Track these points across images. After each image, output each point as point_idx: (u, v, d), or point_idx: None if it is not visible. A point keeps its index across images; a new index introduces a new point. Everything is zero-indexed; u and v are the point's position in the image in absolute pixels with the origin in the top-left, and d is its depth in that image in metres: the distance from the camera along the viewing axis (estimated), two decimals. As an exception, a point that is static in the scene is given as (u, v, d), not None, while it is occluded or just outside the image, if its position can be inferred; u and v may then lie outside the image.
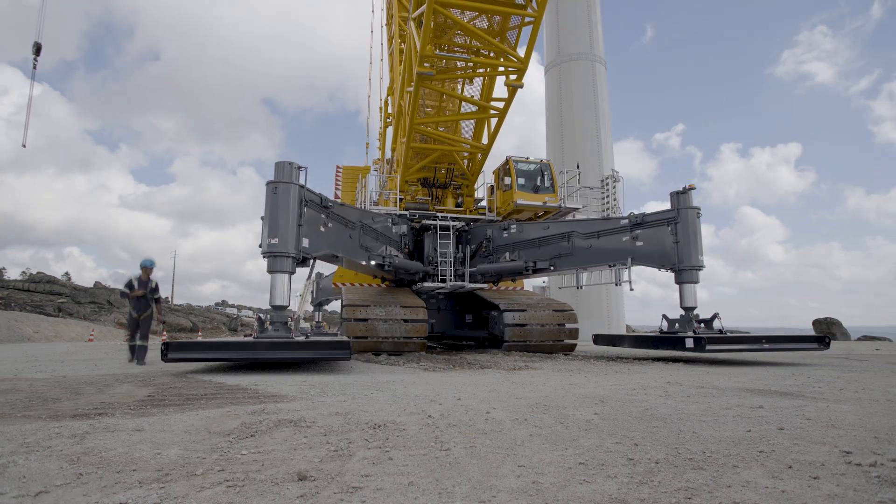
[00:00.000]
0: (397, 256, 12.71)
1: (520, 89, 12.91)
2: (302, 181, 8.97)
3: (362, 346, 10.61)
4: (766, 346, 9.79)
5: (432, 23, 11.63)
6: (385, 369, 8.17)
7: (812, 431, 3.41)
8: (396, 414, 4.11)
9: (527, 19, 12.01)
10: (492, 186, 15.34)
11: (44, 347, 17.96)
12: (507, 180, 14.39)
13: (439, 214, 14.16)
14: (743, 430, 3.45)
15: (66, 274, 62.14)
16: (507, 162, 14.59)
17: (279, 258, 8.55)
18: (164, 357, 7.45)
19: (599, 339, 13.66)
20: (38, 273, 53.56)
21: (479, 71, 13.64)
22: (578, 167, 15.61)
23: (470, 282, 13.59)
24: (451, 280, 13.21)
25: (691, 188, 10.66)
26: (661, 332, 10.84)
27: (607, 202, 14.43)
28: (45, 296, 47.91)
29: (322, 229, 9.65)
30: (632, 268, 11.22)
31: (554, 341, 12.10)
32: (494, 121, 14.05)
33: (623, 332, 27.33)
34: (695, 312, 10.38)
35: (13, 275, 56.82)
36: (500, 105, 13.71)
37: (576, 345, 12.60)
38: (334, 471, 2.57)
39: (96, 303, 49.49)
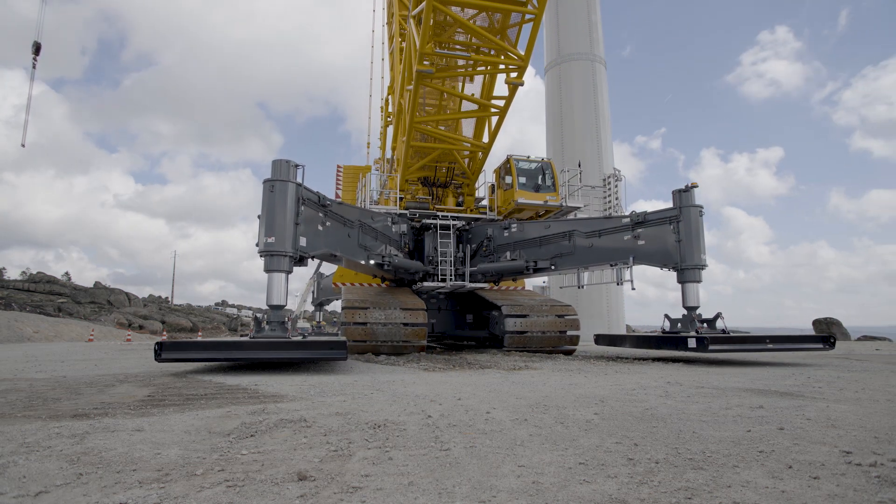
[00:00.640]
0: (397, 256, 12.66)
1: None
2: (299, 179, 8.86)
3: (361, 348, 10.58)
4: (771, 346, 9.58)
5: (432, 20, 11.63)
6: (385, 369, 8.17)
7: (812, 431, 3.41)
8: (396, 414, 4.11)
9: (527, 17, 11.98)
10: (493, 185, 15.31)
11: (44, 347, 17.95)
12: (508, 179, 14.34)
13: (439, 213, 14.11)
14: (743, 430, 3.45)
15: (66, 274, 62.20)
16: (508, 161, 14.57)
17: (276, 257, 8.46)
18: (158, 357, 7.29)
19: (601, 339, 13.62)
20: (38, 273, 53.60)
21: (479, 69, 13.61)
22: (580, 166, 15.54)
23: (470, 281, 13.53)
24: (451, 279, 13.15)
25: (694, 186, 10.49)
26: (664, 331, 10.72)
27: (609, 201, 14.40)
28: (45, 296, 47.92)
29: (320, 228, 9.55)
30: (633, 267, 11.12)
31: (555, 342, 12.08)
32: (495, 119, 14.03)
33: (623, 331, 27.30)
34: (697, 312, 10.25)
35: (13, 275, 56.87)
36: (501, 103, 13.68)
37: (575, 349, 12.60)
38: (334, 471, 2.57)
39: (96, 303, 49.49)
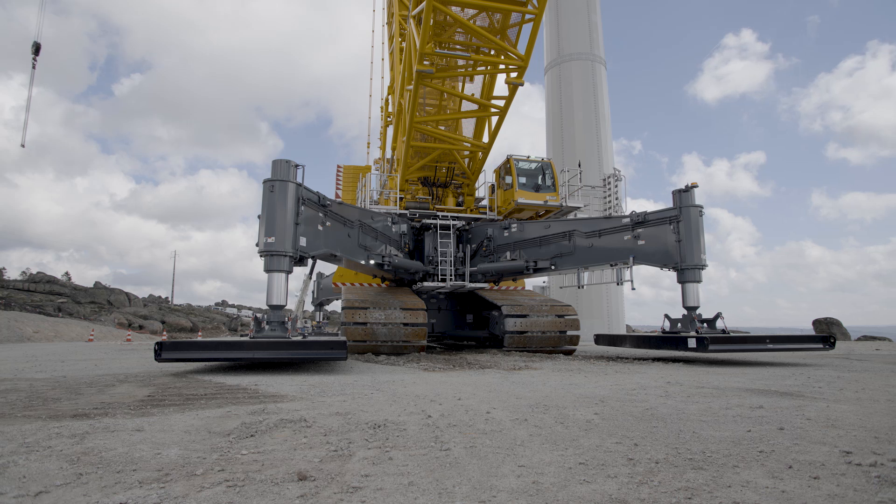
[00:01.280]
0: (397, 256, 12.63)
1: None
2: (300, 179, 8.84)
3: (361, 348, 10.60)
4: (771, 346, 9.56)
5: (432, 20, 11.63)
6: (385, 369, 8.17)
7: (812, 431, 3.41)
8: (396, 414, 4.11)
9: (527, 16, 11.99)
10: (493, 185, 15.29)
11: (44, 347, 17.96)
12: (508, 179, 14.32)
13: (439, 213, 14.10)
14: (743, 430, 3.45)
15: (66, 274, 62.15)
16: (508, 161, 14.56)
17: (276, 257, 8.45)
18: (158, 357, 7.31)
19: (601, 339, 13.61)
20: (38, 273, 53.59)
21: (479, 69, 13.59)
22: (580, 166, 15.50)
23: (470, 281, 13.51)
24: (451, 280, 13.14)
25: (693, 186, 10.48)
26: (664, 331, 10.70)
27: (609, 201, 14.37)
28: (45, 296, 47.92)
29: (320, 228, 9.54)
30: (633, 267, 11.11)
31: (555, 342, 12.08)
32: (495, 119, 14.02)
33: (623, 332, 27.31)
34: (697, 312, 10.24)
35: (13, 275, 56.85)
36: (501, 103, 13.66)
37: (576, 347, 12.58)
38: (334, 471, 2.56)
39: (96, 303, 49.49)
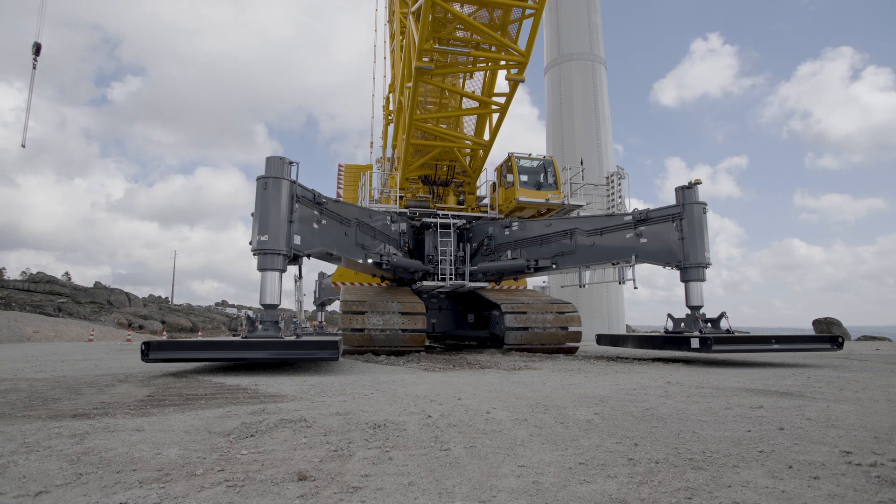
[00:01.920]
0: (396, 255, 12.53)
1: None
2: (294, 177, 8.69)
3: (359, 351, 10.57)
4: (776, 346, 9.28)
5: (431, 16, 11.57)
6: (385, 369, 8.17)
7: (812, 431, 3.41)
8: (396, 414, 4.11)
9: (527, 12, 11.91)
10: (494, 184, 15.15)
11: (44, 347, 17.97)
12: (510, 177, 14.18)
13: (440, 212, 14.00)
14: (743, 430, 3.45)
15: (66, 274, 62.19)
16: (509, 158, 14.44)
17: (269, 255, 8.31)
18: (145, 357, 7.06)
19: (602, 339, 13.45)
20: (38, 273, 53.60)
21: (479, 65, 13.47)
22: (582, 163, 15.35)
23: (471, 280, 13.40)
24: (450, 279, 13.05)
25: (697, 182, 10.23)
26: (667, 331, 10.47)
27: (613, 199, 14.18)
28: (45, 296, 47.93)
29: (315, 226, 9.40)
30: (635, 266, 10.89)
31: (556, 342, 11.89)
32: (496, 117, 13.92)
33: (623, 332, 27.30)
34: (701, 311, 10.02)
35: (13, 275, 56.85)
36: (502, 100, 13.54)
37: (578, 347, 12.39)
38: (334, 471, 2.56)
39: (96, 303, 49.50)
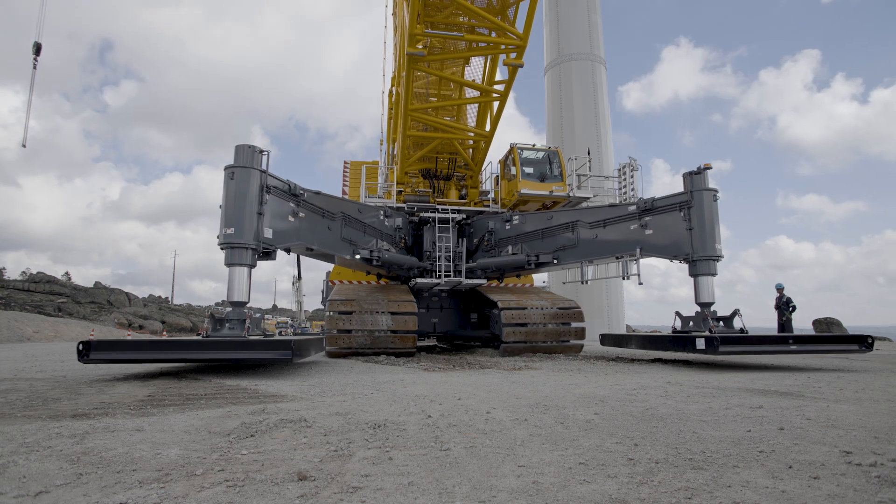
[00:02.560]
0: (388, 251, 11.91)
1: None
2: (264, 166, 8.23)
3: (345, 353, 10.24)
4: (794, 348, 8.28)
5: None
6: (385, 369, 8.17)
7: (812, 431, 3.41)
8: (396, 414, 4.11)
9: None
10: (497, 177, 14.46)
11: (44, 347, 17.97)
12: (513, 169, 13.43)
13: (439, 207, 13.35)
14: (743, 430, 3.45)
15: (66, 274, 62.12)
16: (511, 150, 13.74)
17: (237, 250, 7.89)
18: (84, 358, 6.48)
19: (605, 339, 12.71)
20: (38, 273, 53.57)
21: (476, 51, 12.73)
22: (589, 153, 14.40)
23: (470, 277, 12.61)
24: (444, 276, 12.29)
25: (707, 167, 9.34)
26: (675, 330, 9.67)
27: (625, 192, 13.28)
28: (45, 296, 47.91)
29: (292, 219, 8.95)
30: (640, 260, 10.21)
31: (558, 342, 11.28)
32: (496, 106, 13.21)
33: (623, 331, 27.27)
34: (712, 309, 9.11)
35: (13, 275, 56.83)
36: (501, 88, 12.90)
37: (582, 346, 11.76)
38: (334, 471, 2.57)
39: (96, 303, 49.49)
